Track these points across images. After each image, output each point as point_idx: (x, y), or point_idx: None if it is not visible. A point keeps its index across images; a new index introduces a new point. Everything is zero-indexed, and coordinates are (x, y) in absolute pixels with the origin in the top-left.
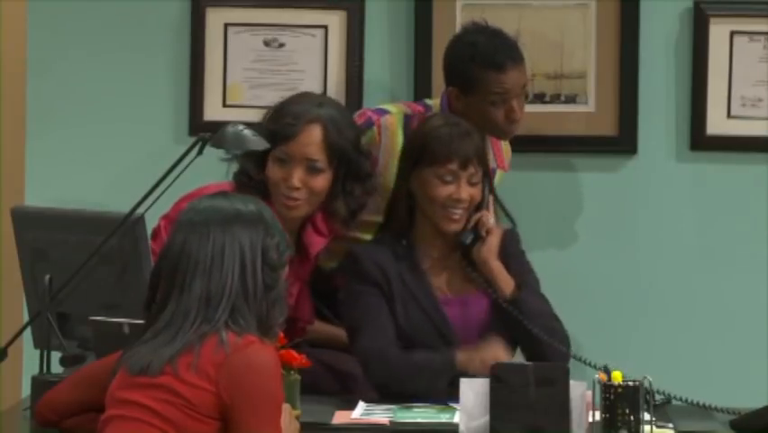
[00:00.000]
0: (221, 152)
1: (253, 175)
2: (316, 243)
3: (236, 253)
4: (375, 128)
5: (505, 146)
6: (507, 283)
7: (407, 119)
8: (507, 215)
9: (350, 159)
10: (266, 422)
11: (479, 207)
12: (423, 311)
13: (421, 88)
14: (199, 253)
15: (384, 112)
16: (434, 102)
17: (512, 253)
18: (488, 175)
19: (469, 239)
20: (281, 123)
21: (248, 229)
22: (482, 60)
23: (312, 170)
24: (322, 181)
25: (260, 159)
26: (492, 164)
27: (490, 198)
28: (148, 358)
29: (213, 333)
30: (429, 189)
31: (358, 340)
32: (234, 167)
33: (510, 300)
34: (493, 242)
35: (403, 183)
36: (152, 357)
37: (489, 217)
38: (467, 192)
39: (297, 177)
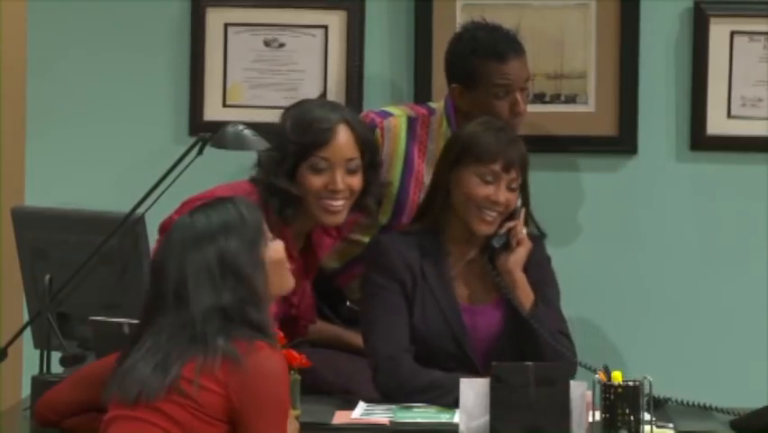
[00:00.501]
0: (221, 152)
1: (293, 191)
2: (326, 243)
3: (202, 273)
4: (378, 130)
5: None
6: (527, 297)
7: (411, 122)
8: (538, 228)
9: (371, 150)
10: (273, 426)
11: (511, 215)
12: (443, 317)
13: (421, 88)
14: (170, 278)
15: (387, 114)
16: (438, 105)
17: (537, 261)
18: (526, 186)
19: (500, 243)
20: (312, 130)
21: (208, 246)
22: (484, 52)
23: (350, 170)
24: (358, 180)
25: (291, 173)
26: None
27: (522, 210)
28: (143, 383)
29: (215, 346)
30: (468, 188)
31: (371, 337)
32: (237, 167)
33: (527, 315)
34: (521, 253)
35: (442, 179)
36: (148, 382)
37: (522, 228)
38: (504, 196)
39: (341, 179)
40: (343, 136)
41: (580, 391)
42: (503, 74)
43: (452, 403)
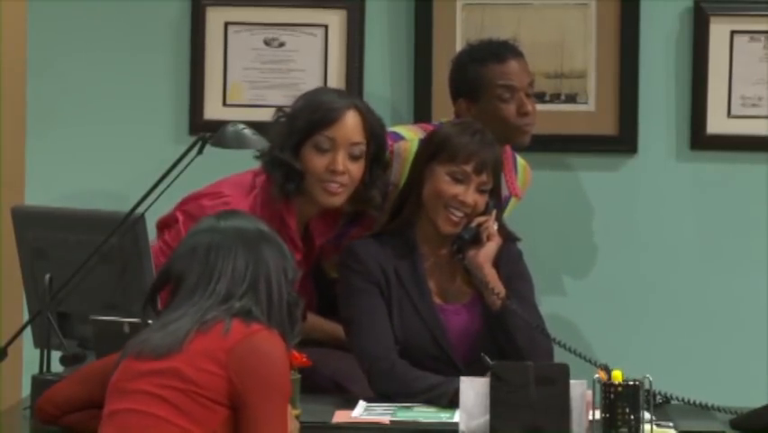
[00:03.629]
0: (221, 152)
1: (297, 166)
2: (322, 232)
3: (262, 271)
4: (387, 153)
5: (521, 174)
6: (499, 292)
7: None
8: (510, 234)
9: (379, 142)
10: (275, 408)
11: (482, 213)
12: (420, 318)
13: (421, 89)
14: (225, 269)
15: (399, 137)
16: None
17: (508, 256)
18: (497, 191)
19: (470, 235)
20: (321, 110)
21: (271, 249)
22: (482, 58)
23: (353, 156)
24: (359, 168)
25: (295, 151)
26: (504, 192)
27: (494, 211)
28: (163, 339)
29: (220, 319)
30: (438, 184)
31: (358, 340)
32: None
33: (499, 310)
34: (491, 248)
35: (416, 175)
36: (166, 339)
37: (493, 224)
38: (473, 197)
39: (342, 161)
40: (351, 119)
41: (580, 391)
42: (504, 74)
43: (448, 404)
